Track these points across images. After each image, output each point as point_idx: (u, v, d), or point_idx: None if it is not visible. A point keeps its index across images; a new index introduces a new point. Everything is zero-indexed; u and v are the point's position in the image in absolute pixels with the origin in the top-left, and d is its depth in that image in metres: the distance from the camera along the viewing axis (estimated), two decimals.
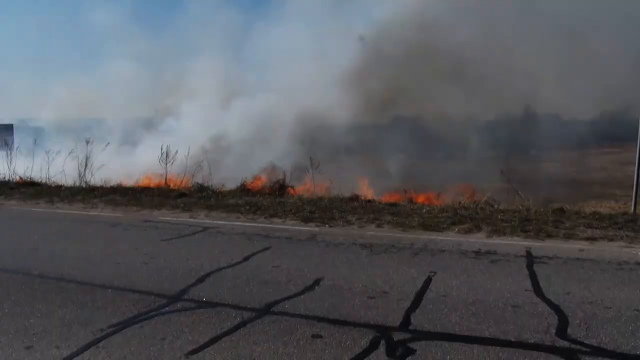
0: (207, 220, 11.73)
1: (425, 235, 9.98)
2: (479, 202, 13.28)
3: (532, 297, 6.36)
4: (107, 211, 13.29)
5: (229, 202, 13.93)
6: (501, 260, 8.06)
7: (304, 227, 10.90)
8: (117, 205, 14.07)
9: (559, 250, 8.68)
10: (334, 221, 11.32)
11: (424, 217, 11.41)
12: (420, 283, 6.92)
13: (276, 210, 12.52)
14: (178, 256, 8.54)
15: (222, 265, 7.87)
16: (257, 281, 7.08)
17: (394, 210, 12.30)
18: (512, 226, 10.35)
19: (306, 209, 12.60)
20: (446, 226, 10.58)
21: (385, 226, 10.82)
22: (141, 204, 14.05)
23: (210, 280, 7.18)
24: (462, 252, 8.60)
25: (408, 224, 10.86)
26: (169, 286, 6.92)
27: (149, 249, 9.09)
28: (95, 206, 14.02)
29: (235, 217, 12.04)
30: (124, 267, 7.94)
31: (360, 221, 11.28)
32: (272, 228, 10.77)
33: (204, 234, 10.29)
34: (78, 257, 8.53)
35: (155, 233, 10.45)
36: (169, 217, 12.21)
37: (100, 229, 11.05)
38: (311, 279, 7.15)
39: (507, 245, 9.08)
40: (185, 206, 13.50)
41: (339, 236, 9.92)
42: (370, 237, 9.80)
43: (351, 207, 12.85)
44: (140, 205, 13.82)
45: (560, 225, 10.38)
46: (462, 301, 6.23)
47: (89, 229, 11.03)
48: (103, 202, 14.60)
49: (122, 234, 10.41)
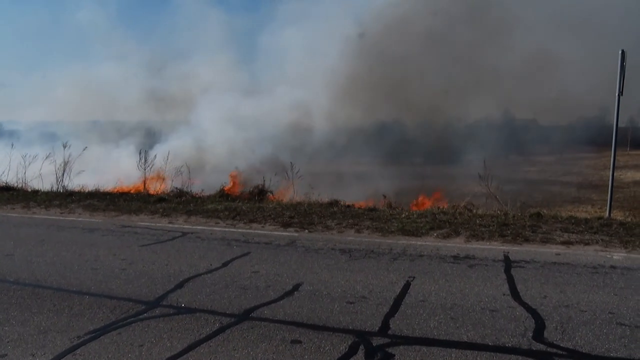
0: (186, 226, 11.67)
1: (404, 240, 10.03)
2: (458, 207, 13.39)
3: (510, 301, 6.43)
4: (84, 216, 13.15)
5: (208, 207, 13.87)
6: (479, 264, 8.14)
7: (283, 232, 10.89)
8: (95, 210, 13.93)
9: (536, 254, 8.79)
10: (313, 226, 11.33)
11: (403, 222, 11.47)
12: (399, 288, 6.96)
13: (255, 216, 12.50)
14: (157, 262, 8.48)
15: (201, 271, 7.84)
16: (236, 287, 7.07)
17: (373, 215, 12.35)
18: (490, 231, 10.46)
19: (285, 214, 12.60)
20: (425, 231, 10.65)
21: (364, 231, 10.85)
22: (119, 209, 13.93)
23: (189, 286, 7.15)
24: (441, 257, 8.67)
25: (387, 229, 10.91)
26: (147, 292, 6.87)
27: (127, 254, 9.02)
28: (73, 211, 13.87)
29: (215, 223, 11.99)
30: (101, 273, 7.86)
31: (340, 226, 11.30)
32: (251, 233, 10.76)
33: (182, 240, 10.24)
34: (55, 263, 8.43)
35: (133, 238, 10.37)
36: (148, 223, 12.12)
37: (77, 234, 10.93)
38: (290, 284, 7.16)
39: (485, 249, 9.17)
40: (164, 211, 13.42)
41: (318, 241, 9.93)
42: (349, 242, 9.83)
43: (330, 212, 12.88)
44: (119, 211, 13.70)
45: (537, 230, 10.51)
46: (441, 306, 6.27)
47: (66, 235, 10.89)
48: (81, 207, 14.44)
49: (100, 240, 10.30)
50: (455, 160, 24.19)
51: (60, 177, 18.23)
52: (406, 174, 22.29)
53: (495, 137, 26.79)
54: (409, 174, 22.26)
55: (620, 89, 12.11)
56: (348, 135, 26.54)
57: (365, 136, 26.57)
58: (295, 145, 23.83)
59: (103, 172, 21.10)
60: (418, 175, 21.94)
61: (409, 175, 21.82)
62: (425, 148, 25.36)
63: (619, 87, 12.10)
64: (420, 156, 25.33)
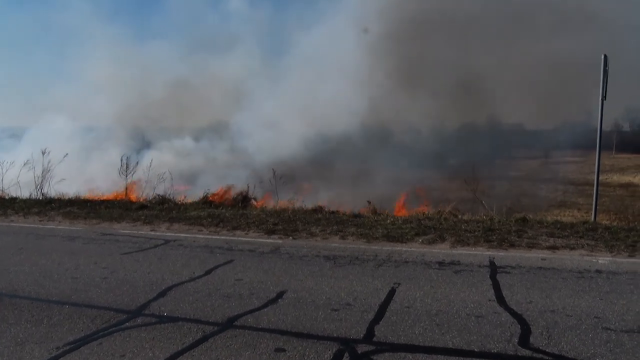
0: (169, 233, 11.62)
1: (389, 246, 10.07)
2: (443, 212, 13.46)
3: (495, 307, 6.47)
4: (64, 224, 13.04)
5: (191, 214, 13.82)
6: (465, 270, 8.18)
7: (267, 239, 10.87)
8: (75, 218, 13.82)
9: (521, 259, 8.87)
10: (297, 233, 11.33)
11: (388, 228, 11.51)
12: (384, 295, 6.98)
13: (239, 223, 12.48)
14: (138, 270, 8.43)
15: (183, 279, 7.81)
16: (220, 295, 7.04)
17: (358, 222, 12.38)
18: (475, 236, 10.52)
19: (269, 221, 12.59)
20: (410, 237, 10.69)
21: (349, 237, 10.87)
22: (100, 216, 13.83)
23: (171, 294, 7.11)
24: (426, 263, 8.70)
25: (372, 235, 10.94)
26: (129, 301, 6.82)
27: (108, 262, 8.96)
28: (52, 219, 13.75)
29: (198, 230, 11.95)
30: (82, 282, 7.79)
31: (324, 233, 11.32)
32: (234, 241, 10.73)
33: (165, 247, 10.19)
34: (33, 272, 8.33)
35: (115, 246, 10.30)
36: (130, 230, 12.05)
37: (57, 242, 10.83)
38: (274, 292, 7.15)
39: (471, 255, 9.22)
40: (146, 219, 13.35)
41: (303, 248, 9.94)
42: (334, 249, 9.85)
43: (315, 218, 12.89)
44: (100, 218, 13.61)
45: (523, 235, 10.59)
46: (426, 312, 6.29)
47: (45, 243, 10.79)
48: (60, 214, 14.32)
49: (80, 248, 10.22)
50: (439, 165, 24.31)
51: (39, 185, 18.07)
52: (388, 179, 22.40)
53: (480, 142, 26.98)
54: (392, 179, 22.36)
55: (603, 94, 12.26)
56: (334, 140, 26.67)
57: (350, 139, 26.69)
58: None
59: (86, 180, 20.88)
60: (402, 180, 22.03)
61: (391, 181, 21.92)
62: (411, 153, 25.46)
63: (602, 91, 12.25)
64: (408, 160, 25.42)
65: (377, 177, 22.30)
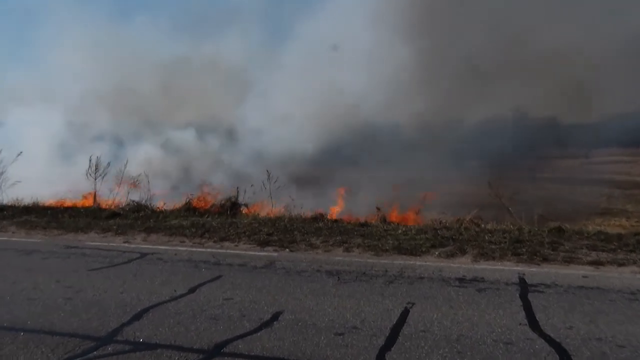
0: (145, 245, 11.61)
1: (400, 260, 10.05)
2: (463, 220, 13.40)
3: (528, 333, 6.41)
4: (19, 235, 13.03)
5: (172, 223, 13.81)
6: (490, 288, 8.15)
7: (260, 252, 10.87)
8: (32, 228, 13.80)
9: (557, 276, 8.79)
10: (295, 245, 11.32)
11: (399, 239, 11.50)
12: (396, 316, 6.95)
13: (227, 233, 12.47)
14: (110, 289, 8.40)
15: (163, 299, 7.78)
16: (205, 317, 7.01)
17: (365, 232, 12.37)
18: (501, 249, 10.49)
19: (263, 230, 12.58)
20: (425, 249, 10.67)
21: (354, 250, 10.86)
22: (63, 226, 13.82)
23: (148, 316, 7.08)
24: (444, 279, 8.68)
25: (381, 247, 10.93)
26: (98, 326, 6.78)
27: (73, 281, 8.92)
28: (5, 229, 13.74)
29: (179, 241, 11.94)
30: (40, 304, 7.73)
31: (326, 244, 11.31)
32: (222, 253, 10.72)
33: (141, 262, 10.17)
34: None
35: (81, 261, 10.28)
36: (99, 242, 12.04)
37: (10, 257, 10.81)
38: (269, 312, 7.12)
39: (497, 271, 9.18)
40: (119, 228, 13.34)
41: (301, 262, 9.93)
42: (337, 263, 9.83)
43: (315, 228, 12.88)
44: (63, 228, 13.59)
45: (558, 248, 10.54)
46: (445, 337, 6.26)
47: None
48: (14, 224, 14.30)
49: (39, 264, 10.20)
50: (457, 165, 24.15)
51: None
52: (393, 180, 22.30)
53: (505, 139, 26.84)
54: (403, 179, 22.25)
55: None
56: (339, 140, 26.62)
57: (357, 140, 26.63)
58: None
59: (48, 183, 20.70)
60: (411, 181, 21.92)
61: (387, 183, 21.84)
62: (422, 151, 25.31)
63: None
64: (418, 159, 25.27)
65: (382, 180, 22.24)
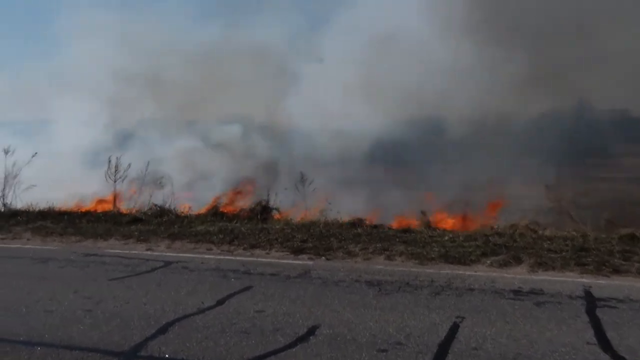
0: (170, 253, 11.74)
1: (448, 269, 10.05)
2: (518, 226, 13.26)
3: (598, 354, 6.25)
4: (35, 242, 13.17)
5: (198, 229, 13.88)
6: (550, 302, 8.05)
7: (294, 260, 10.94)
8: (48, 234, 13.95)
9: (632, 290, 8.56)
10: (331, 252, 11.37)
11: (446, 246, 11.48)
12: (445, 331, 6.93)
13: (258, 240, 12.55)
14: (132, 300, 8.49)
15: (189, 311, 7.85)
16: (235, 331, 7.06)
17: (408, 238, 12.35)
18: (563, 258, 10.38)
19: (296, 237, 12.64)
20: (475, 258, 10.65)
21: (397, 258, 10.89)
22: (81, 232, 13.95)
23: (174, 330, 7.14)
24: (497, 291, 8.63)
25: (426, 255, 10.93)
26: (120, 340, 6.84)
27: (92, 291, 9.02)
28: (19, 236, 13.90)
29: (206, 249, 12.05)
30: (58, 316, 7.81)
31: (366, 252, 11.33)
32: (253, 262, 10.80)
33: (165, 271, 10.30)
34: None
35: (100, 270, 10.42)
36: (119, 250, 12.19)
37: (25, 266, 10.97)
38: (304, 326, 7.15)
39: (558, 282, 9.08)
40: (141, 235, 13.49)
41: (339, 271, 9.97)
42: (378, 272, 9.85)
43: (353, 234, 12.90)
44: (81, 234, 13.73)
45: (632, 258, 10.34)
46: (501, 356, 6.22)
47: (9, 267, 10.95)
48: (29, 230, 14.45)
49: (55, 273, 10.34)
50: (510, 164, 23.78)
51: (1, 193, 18.18)
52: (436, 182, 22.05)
53: (566, 134, 26.38)
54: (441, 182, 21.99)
55: None
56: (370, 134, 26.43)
57: None
58: None
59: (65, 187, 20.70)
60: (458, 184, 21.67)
61: None
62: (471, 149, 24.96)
63: None
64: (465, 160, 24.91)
65: (430, 179, 22.06)
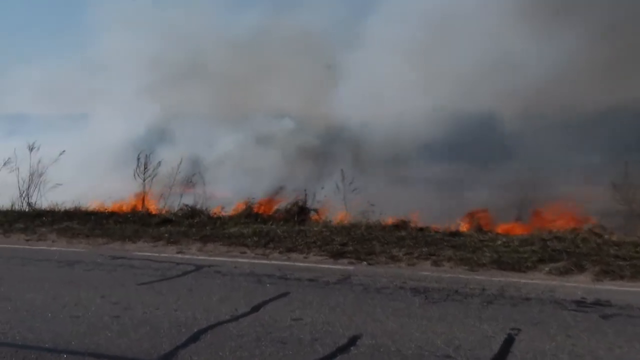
0: (202, 256, 11.83)
1: (501, 276, 9.99)
2: (580, 230, 13.11)
3: None
4: (60, 244, 13.31)
5: (231, 231, 13.96)
6: (619, 315, 7.90)
7: (333, 265, 10.96)
8: (74, 235, 14.10)
9: None
10: (374, 257, 11.37)
11: (499, 251, 11.40)
12: (498, 345, 6.86)
13: (295, 243, 12.60)
14: (162, 306, 8.55)
15: (222, 318, 7.88)
16: (271, 340, 7.06)
17: (456, 242, 12.31)
18: (633, 266, 10.24)
19: (336, 240, 12.65)
20: (531, 264, 10.56)
21: (444, 263, 10.87)
22: (109, 234, 14.08)
23: (206, 338, 7.17)
24: (557, 301, 8.53)
25: (476, 260, 10.89)
26: (149, 348, 6.88)
27: (120, 296, 9.11)
28: (44, 237, 14.07)
29: (240, 252, 12.14)
30: (84, 322, 7.87)
31: (410, 257, 11.32)
32: (290, 266, 10.84)
33: (197, 275, 10.37)
34: (18, 310, 8.45)
35: (129, 274, 10.52)
36: (149, 252, 12.33)
37: (50, 269, 11.10)
38: (345, 336, 7.13)
39: (628, 293, 8.95)
40: (171, 237, 13.62)
41: (382, 277, 9.97)
42: (424, 279, 9.84)
43: (397, 237, 12.88)
44: (108, 236, 13.86)
45: None
46: None
47: (33, 270, 11.07)
48: (55, 231, 14.61)
49: (82, 276, 10.46)
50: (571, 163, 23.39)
51: (25, 191, 18.43)
52: None
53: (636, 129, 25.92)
54: None
55: None
56: None
57: None
58: None
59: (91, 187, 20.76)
60: None
61: None
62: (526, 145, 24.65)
63: None
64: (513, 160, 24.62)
65: (483, 177, 21.86)
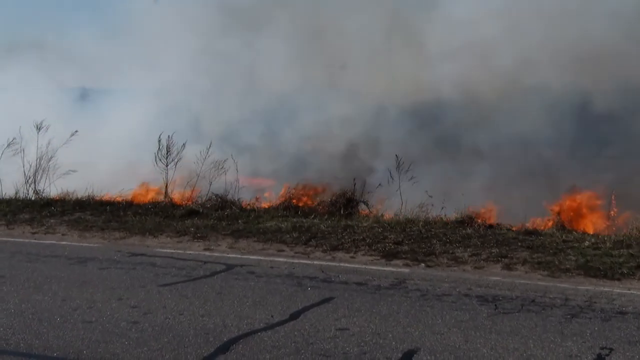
0: (233, 254, 11.84)
1: (588, 284, 9.82)
2: None
3: None
4: (71, 238, 13.45)
5: (267, 225, 13.98)
6: None
7: (385, 266, 10.89)
8: (87, 228, 14.24)
9: None
10: (433, 258, 11.30)
11: (586, 254, 11.21)
12: None
13: (341, 240, 12.56)
14: (186, 311, 8.57)
15: (256, 327, 7.88)
16: (313, 352, 7.04)
17: (533, 242, 12.14)
18: None
19: (389, 237, 12.59)
20: (628, 271, 10.38)
21: (518, 267, 10.72)
22: (127, 227, 14.19)
23: (237, 349, 7.16)
24: None
25: (558, 264, 10.72)
26: (171, 359, 6.91)
27: (139, 298, 9.17)
28: (53, 230, 14.22)
29: (277, 250, 12.13)
30: (98, 328, 7.92)
31: (477, 259, 11.21)
32: (334, 267, 10.79)
33: (227, 276, 10.37)
34: (23, 313, 8.53)
35: (149, 274, 10.57)
36: (172, 249, 12.39)
37: (60, 266, 11.18)
38: (399, 350, 7.09)
39: None
40: (198, 231, 13.67)
41: (442, 282, 9.88)
42: (494, 285, 9.72)
43: (461, 235, 12.78)
44: (126, 230, 13.96)
45: None
46: None
47: (41, 267, 11.14)
48: (65, 223, 14.77)
49: (96, 276, 10.51)
50: None
51: (32, 178, 18.57)
52: None
53: None
54: None
55: None
56: None
57: None
58: None
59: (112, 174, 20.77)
60: None
61: None
62: None
63: None
64: None
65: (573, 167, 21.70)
